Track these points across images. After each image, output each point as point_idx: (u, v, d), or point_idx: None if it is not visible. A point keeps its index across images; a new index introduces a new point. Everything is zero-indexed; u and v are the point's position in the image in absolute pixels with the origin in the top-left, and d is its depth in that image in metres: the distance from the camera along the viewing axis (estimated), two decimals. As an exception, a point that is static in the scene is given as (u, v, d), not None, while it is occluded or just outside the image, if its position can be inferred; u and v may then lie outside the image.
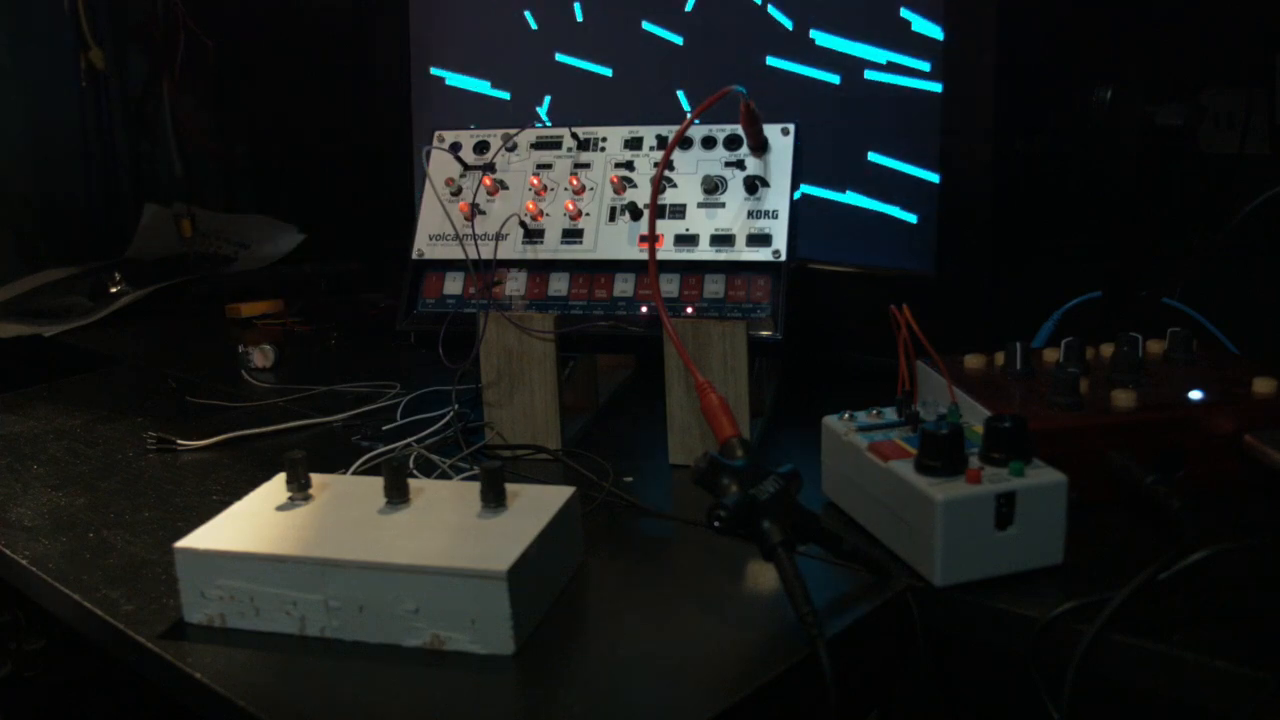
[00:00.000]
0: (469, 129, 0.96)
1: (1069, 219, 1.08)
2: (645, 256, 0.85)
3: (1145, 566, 0.60)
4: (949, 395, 0.75)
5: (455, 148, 0.95)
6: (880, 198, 1.00)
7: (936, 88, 0.95)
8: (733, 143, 0.89)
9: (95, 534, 0.75)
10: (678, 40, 1.09)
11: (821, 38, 1.01)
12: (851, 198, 1.02)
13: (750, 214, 0.87)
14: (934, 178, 0.97)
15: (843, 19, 0.99)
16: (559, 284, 0.90)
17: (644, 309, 0.87)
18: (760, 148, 0.88)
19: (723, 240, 0.87)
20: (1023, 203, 1.02)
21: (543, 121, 0.98)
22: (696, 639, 0.60)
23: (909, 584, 0.65)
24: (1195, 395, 0.74)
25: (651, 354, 0.84)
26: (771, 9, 1.03)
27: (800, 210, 0.89)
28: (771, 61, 1.03)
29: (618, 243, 0.89)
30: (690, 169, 0.90)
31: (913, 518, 0.65)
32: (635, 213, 0.89)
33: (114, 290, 1.43)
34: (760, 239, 0.86)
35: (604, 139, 0.93)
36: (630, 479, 0.82)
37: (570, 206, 0.91)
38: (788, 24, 1.02)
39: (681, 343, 0.78)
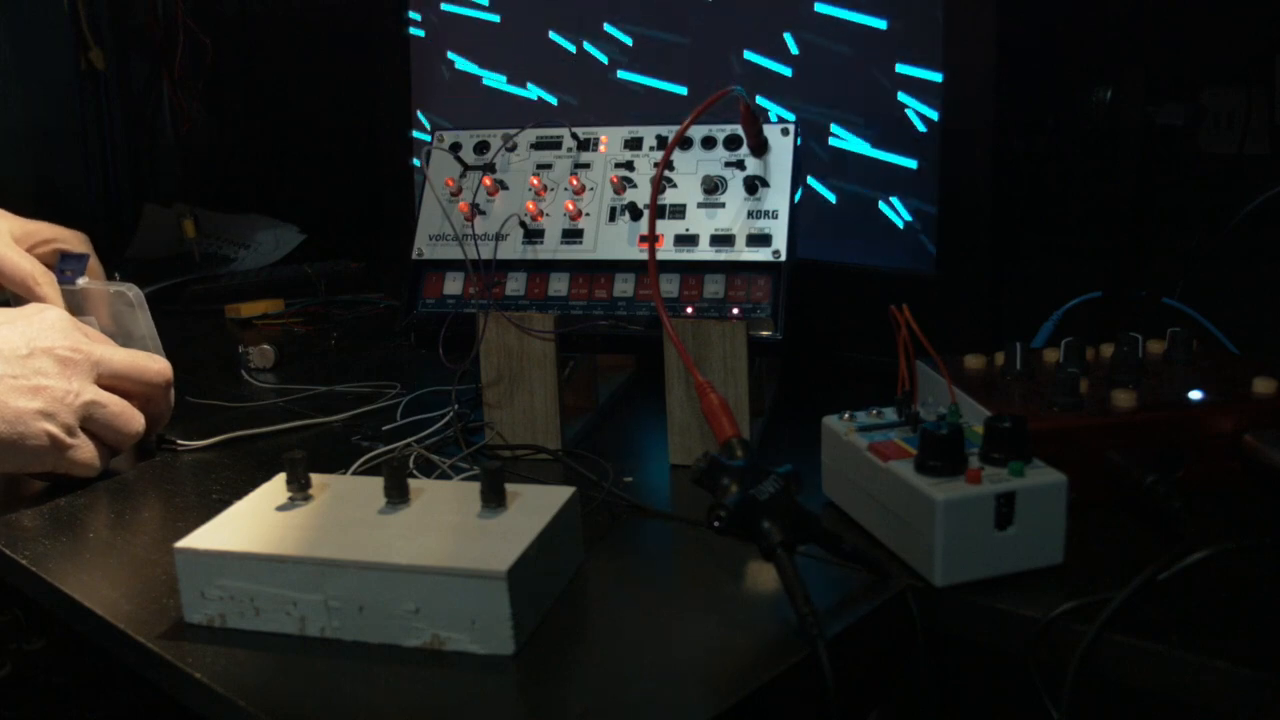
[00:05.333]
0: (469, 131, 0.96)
1: (1069, 219, 1.09)
2: (645, 256, 0.85)
3: (1145, 566, 0.60)
4: (949, 395, 0.75)
5: (455, 148, 0.95)
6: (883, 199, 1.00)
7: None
8: (733, 143, 0.89)
9: (95, 534, 0.75)
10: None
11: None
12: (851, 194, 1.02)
13: (750, 214, 0.87)
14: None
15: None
16: (559, 284, 0.90)
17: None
18: (760, 148, 0.88)
19: (723, 240, 0.87)
20: (1023, 202, 1.02)
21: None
22: (697, 639, 0.60)
23: (909, 584, 0.65)
24: (1195, 395, 0.74)
25: (651, 354, 0.84)
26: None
27: (800, 209, 0.89)
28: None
29: (618, 243, 0.89)
30: (690, 169, 0.90)
31: (913, 518, 0.65)
32: (635, 213, 0.89)
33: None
34: (760, 239, 0.86)
35: (604, 139, 0.93)
36: (630, 479, 0.82)
37: (570, 206, 0.91)
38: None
39: (681, 343, 0.78)
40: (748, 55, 1.05)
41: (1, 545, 0.74)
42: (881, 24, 0.96)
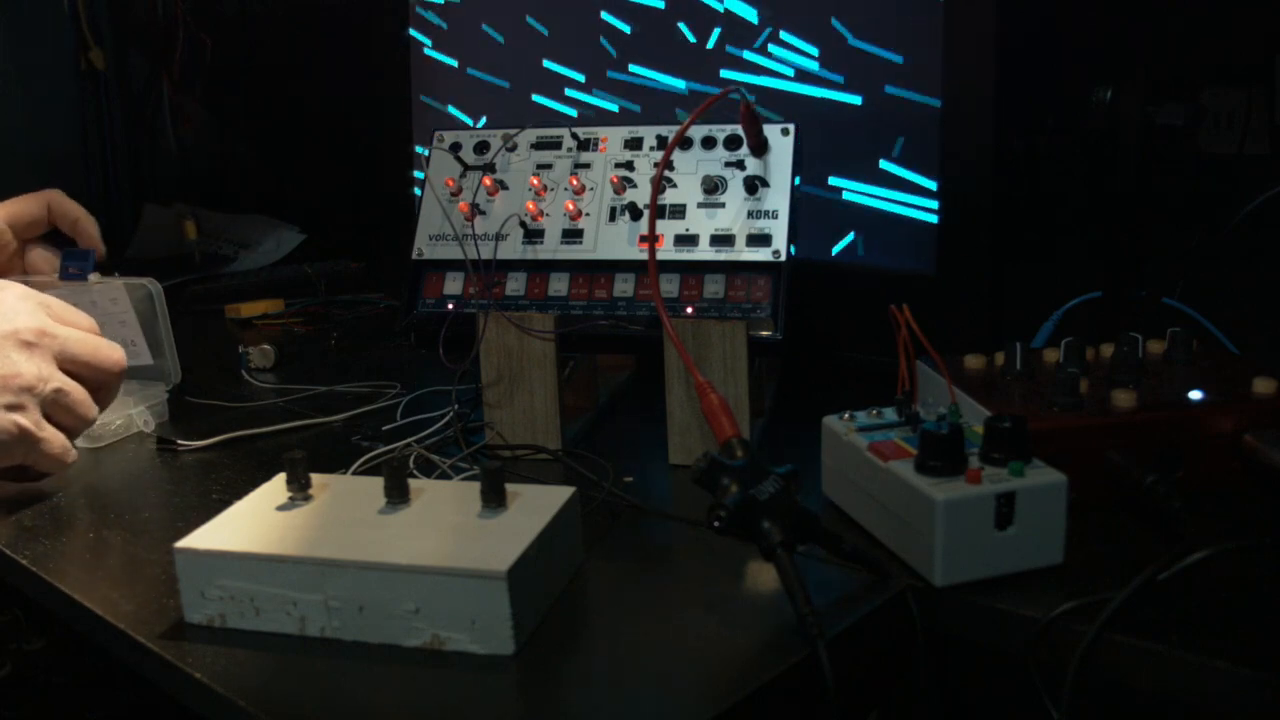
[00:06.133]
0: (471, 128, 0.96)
1: (1069, 219, 1.09)
2: (645, 256, 0.85)
3: (1145, 566, 0.60)
4: (949, 395, 0.75)
5: (455, 148, 0.95)
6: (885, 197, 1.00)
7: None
8: (733, 143, 0.89)
9: (95, 534, 0.75)
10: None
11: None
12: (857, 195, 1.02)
13: (750, 214, 0.87)
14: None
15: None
16: (559, 284, 0.90)
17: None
18: (760, 148, 0.88)
19: (723, 240, 0.87)
20: (1023, 203, 1.02)
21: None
22: (697, 639, 0.60)
23: (909, 584, 0.65)
24: (1195, 395, 0.74)
25: (651, 354, 0.84)
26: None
27: (800, 207, 0.89)
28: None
29: (618, 243, 0.89)
30: (690, 169, 0.90)
31: (913, 518, 0.65)
32: (635, 213, 0.89)
33: (114, 290, 1.43)
34: (760, 239, 0.86)
35: (604, 139, 0.93)
36: (630, 479, 0.82)
37: (570, 206, 0.91)
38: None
39: (681, 343, 0.78)
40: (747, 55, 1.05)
41: (1, 545, 0.74)
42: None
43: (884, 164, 0.99)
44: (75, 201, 1.01)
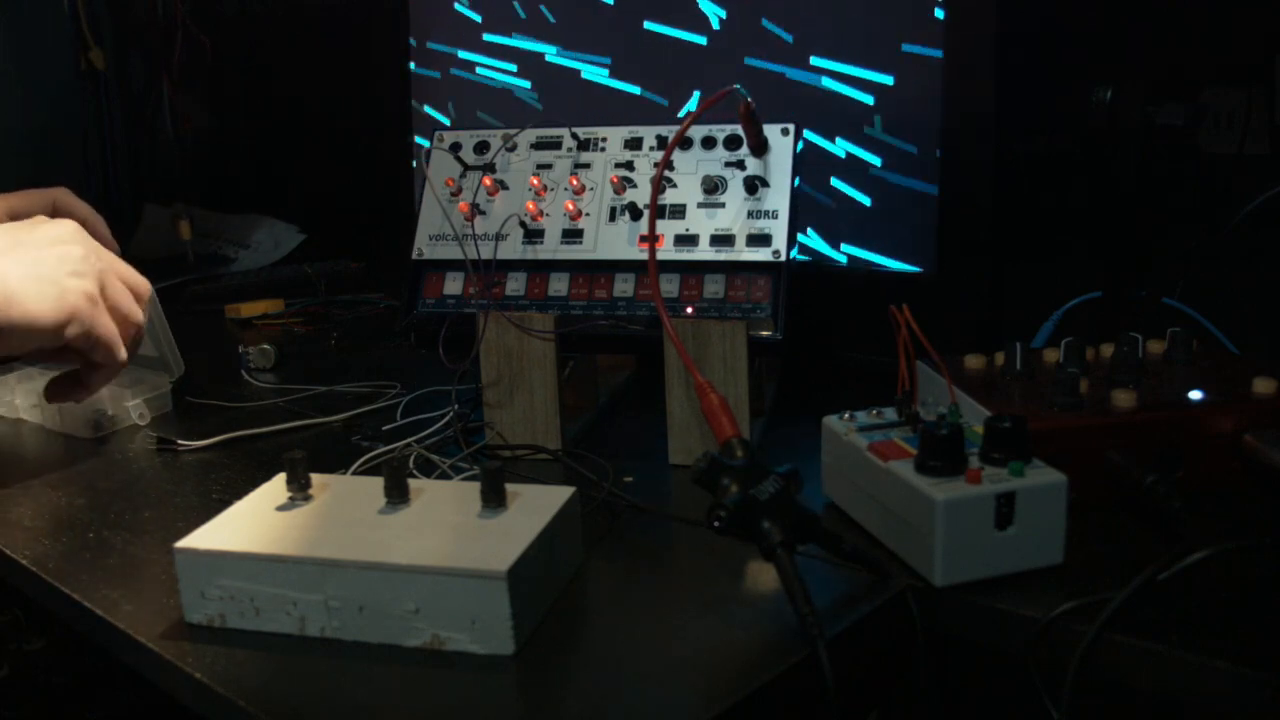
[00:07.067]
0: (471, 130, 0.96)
1: (1069, 218, 1.09)
2: (645, 256, 0.85)
3: (1145, 566, 0.60)
4: (949, 395, 0.75)
5: (455, 148, 0.95)
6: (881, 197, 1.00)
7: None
8: (733, 143, 0.89)
9: (95, 534, 0.75)
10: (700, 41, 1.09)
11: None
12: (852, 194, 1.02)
13: (750, 214, 0.87)
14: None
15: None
16: (559, 284, 0.90)
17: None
18: (760, 148, 0.88)
19: (723, 240, 0.87)
20: (1023, 203, 1.02)
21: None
22: (696, 639, 0.60)
23: (909, 584, 0.65)
24: (1195, 395, 0.74)
25: (651, 354, 0.84)
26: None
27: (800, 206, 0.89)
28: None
29: (618, 243, 0.89)
30: (690, 169, 0.90)
31: (913, 518, 0.65)
32: (635, 213, 0.89)
33: (114, 290, 1.43)
34: (760, 239, 0.86)
35: (604, 139, 0.93)
36: (630, 479, 0.82)
37: (570, 206, 0.91)
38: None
39: (681, 343, 0.78)
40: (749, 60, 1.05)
41: (1, 545, 0.74)
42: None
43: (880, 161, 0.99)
44: (82, 200, 1.01)
